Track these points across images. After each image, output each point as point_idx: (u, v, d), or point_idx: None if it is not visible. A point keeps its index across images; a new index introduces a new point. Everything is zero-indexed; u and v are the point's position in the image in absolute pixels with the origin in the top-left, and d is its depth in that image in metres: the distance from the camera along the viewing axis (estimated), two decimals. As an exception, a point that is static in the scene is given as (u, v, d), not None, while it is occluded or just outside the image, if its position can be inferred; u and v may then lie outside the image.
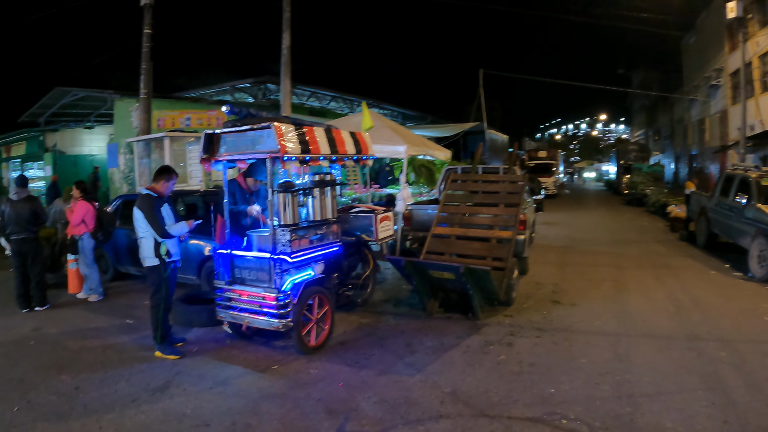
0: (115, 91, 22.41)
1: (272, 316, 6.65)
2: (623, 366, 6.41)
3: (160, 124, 19.75)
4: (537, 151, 43.12)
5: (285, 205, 6.78)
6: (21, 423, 5.53)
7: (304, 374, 6.41)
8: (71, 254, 10.55)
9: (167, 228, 6.91)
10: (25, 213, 9.41)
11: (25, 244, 9.50)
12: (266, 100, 24.83)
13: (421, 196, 14.92)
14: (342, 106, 30.68)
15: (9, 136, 30.66)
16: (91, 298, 10.26)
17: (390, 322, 8.35)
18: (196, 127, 19.16)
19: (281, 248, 6.65)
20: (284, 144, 6.37)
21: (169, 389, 6.16)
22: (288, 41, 16.70)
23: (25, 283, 9.66)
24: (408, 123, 33.51)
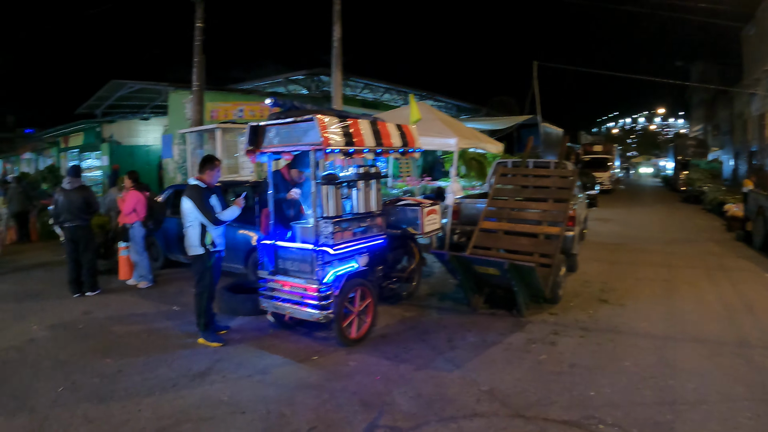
0: (170, 84, 22.72)
1: (313, 308, 6.69)
2: (668, 371, 6.21)
3: (213, 115, 19.97)
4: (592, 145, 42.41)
5: (328, 197, 6.81)
6: (64, 403, 5.72)
7: (343, 366, 6.44)
8: (123, 242, 10.80)
9: (218, 215, 7.01)
10: (77, 202, 9.72)
11: (77, 231, 9.79)
12: (319, 92, 24.91)
13: (473, 190, 14.78)
14: (395, 98, 30.54)
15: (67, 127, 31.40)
16: (141, 284, 10.52)
17: (433, 317, 8.31)
18: (248, 118, 19.33)
19: (324, 240, 6.69)
20: (327, 136, 6.38)
21: (209, 375, 6.27)
22: (339, 33, 16.71)
23: (77, 269, 9.97)
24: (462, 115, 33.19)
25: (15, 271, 12.38)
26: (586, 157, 36.73)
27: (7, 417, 5.48)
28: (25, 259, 13.78)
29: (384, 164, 15.80)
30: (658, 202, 29.90)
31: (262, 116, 20.19)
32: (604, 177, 33.67)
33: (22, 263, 13.30)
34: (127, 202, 10.22)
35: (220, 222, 7.05)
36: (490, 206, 9.47)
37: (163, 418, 5.33)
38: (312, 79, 25.09)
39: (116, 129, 27.11)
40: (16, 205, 16.88)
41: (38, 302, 9.70)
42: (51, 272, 12.13)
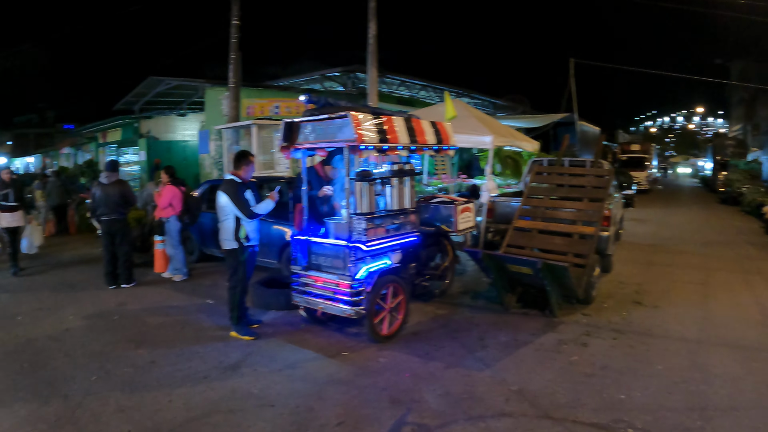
0: (206, 80, 22.95)
1: (346, 303, 6.71)
2: (700, 376, 6.10)
3: (249, 111, 20.12)
4: (630, 144, 41.85)
5: (362, 193, 6.82)
6: (97, 391, 5.85)
7: (373, 362, 6.46)
8: (158, 235, 10.97)
9: (252, 208, 7.07)
10: (114, 196, 9.89)
11: (113, 224, 9.97)
12: (355, 89, 24.92)
13: (508, 188, 14.71)
14: (431, 96, 30.42)
15: (106, 123, 31.88)
16: (176, 277, 10.66)
17: (465, 315, 8.28)
18: (284, 115, 19.41)
19: (357, 236, 6.70)
20: (361, 133, 6.38)
21: (240, 369, 6.34)
22: (374, 30, 16.71)
23: (113, 262, 10.15)
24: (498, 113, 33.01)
25: (53, 262, 12.61)
26: (623, 156, 36.29)
27: (41, 403, 5.62)
28: (63, 251, 14.02)
29: (419, 162, 15.75)
30: (696, 203, 29.44)
31: (298, 113, 20.12)
32: (641, 177, 33.22)
33: (60, 255, 13.54)
34: (164, 197, 10.37)
35: (255, 215, 7.10)
36: (524, 205, 9.41)
37: (194, 408, 5.42)
38: (348, 75, 25.07)
39: (153, 125, 27.43)
40: (55, 199, 17.23)
41: (75, 293, 9.92)
42: (88, 264, 12.35)
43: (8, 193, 11.38)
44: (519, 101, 34.54)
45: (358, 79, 24.51)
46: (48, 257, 13.07)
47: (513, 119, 26.29)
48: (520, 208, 9.36)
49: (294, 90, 23.20)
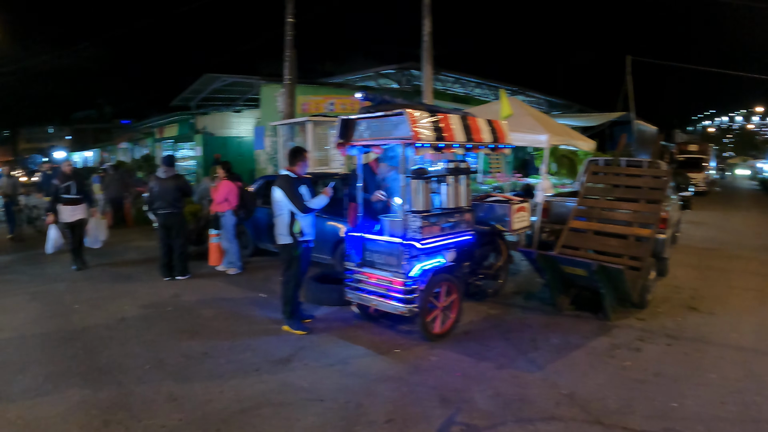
0: (261, 77, 23.19)
1: (399, 301, 6.70)
2: (755, 386, 5.89)
3: (304, 108, 20.28)
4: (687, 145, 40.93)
5: (417, 191, 6.80)
6: (150, 380, 5.99)
7: (424, 360, 6.44)
8: (214, 229, 11.12)
9: (306, 203, 7.11)
10: (171, 189, 10.09)
11: (170, 218, 10.16)
12: (410, 86, 24.91)
13: (563, 188, 14.52)
14: (486, 93, 30.25)
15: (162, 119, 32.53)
16: (230, 271, 10.82)
17: (517, 316, 8.20)
18: (339, 111, 19.52)
19: (412, 234, 6.68)
20: (417, 131, 6.36)
21: (292, 362, 6.40)
22: (429, 27, 16.64)
23: (169, 254, 10.36)
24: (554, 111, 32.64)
25: (110, 254, 12.86)
26: (680, 156, 35.46)
27: (95, 390, 5.78)
28: (120, 243, 14.32)
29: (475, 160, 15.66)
30: (755, 207, 28.62)
31: (352, 110, 20.30)
32: (698, 178, 32.40)
33: (117, 247, 13.82)
34: (220, 192, 10.52)
35: (309, 210, 7.14)
36: (580, 205, 9.25)
37: (244, 400, 5.49)
38: (402, 73, 25.10)
39: (210, 121, 27.86)
40: (112, 192, 17.64)
41: (130, 284, 10.16)
42: (144, 256, 12.63)
43: (70, 186, 11.17)
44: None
45: (413, 76, 24.50)
46: (105, 249, 13.33)
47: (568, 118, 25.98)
48: (576, 209, 9.21)
49: (349, 87, 23.30)
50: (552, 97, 34.60)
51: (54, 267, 11.56)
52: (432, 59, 17.02)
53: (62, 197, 11.17)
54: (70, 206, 11.26)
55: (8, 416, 5.28)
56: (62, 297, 9.42)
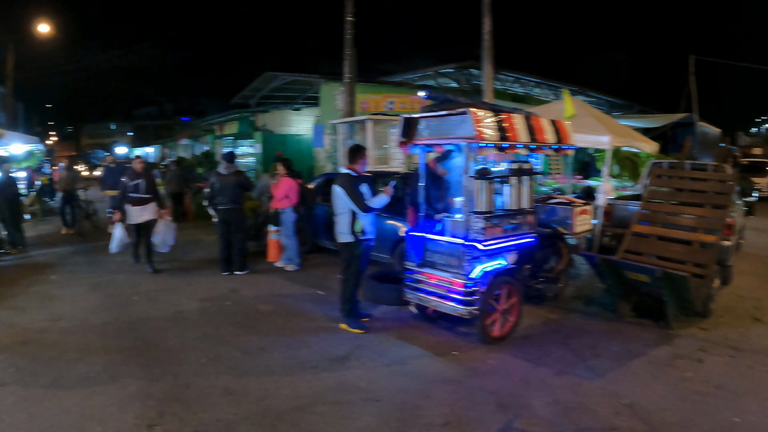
0: (321, 76, 23.35)
1: (458, 303, 6.63)
2: None
3: (364, 107, 20.31)
4: (751, 148, 39.72)
5: (480, 192, 6.70)
6: (206, 373, 6.04)
7: (482, 364, 6.34)
8: (273, 225, 11.18)
9: (367, 202, 7.07)
10: (231, 185, 10.19)
11: (230, 213, 10.27)
12: (469, 85, 24.79)
13: (624, 191, 14.20)
14: (546, 93, 29.95)
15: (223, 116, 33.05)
16: (288, 267, 10.88)
17: (577, 321, 8.01)
18: (399, 110, 19.50)
19: (474, 235, 6.59)
20: (481, 130, 6.27)
21: (348, 361, 6.38)
22: (489, 26, 16.50)
23: (228, 249, 10.47)
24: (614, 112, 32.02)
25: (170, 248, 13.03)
26: (744, 160, 34.40)
27: (152, 381, 5.86)
28: (179, 238, 14.46)
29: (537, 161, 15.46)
30: (825, 214, 27.66)
31: (412, 108, 20.30)
32: (762, 183, 31.30)
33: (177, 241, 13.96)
34: (280, 188, 10.59)
35: (370, 209, 7.10)
36: (643, 209, 9.03)
37: (300, 397, 5.48)
38: (461, 72, 24.99)
39: (269, 118, 28.15)
40: (173, 187, 17.94)
41: (189, 277, 10.33)
42: (203, 251, 12.82)
43: (139, 184, 10.61)
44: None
45: (472, 75, 24.39)
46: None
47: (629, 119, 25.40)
48: (639, 212, 8.97)
49: (408, 86, 23.27)
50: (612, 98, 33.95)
51: (114, 259, 11.77)
52: (492, 58, 16.88)
53: (130, 196, 10.66)
54: (138, 206, 10.74)
55: (65, 404, 5.38)
56: (121, 289, 9.61)
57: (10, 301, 9.00)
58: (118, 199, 11.03)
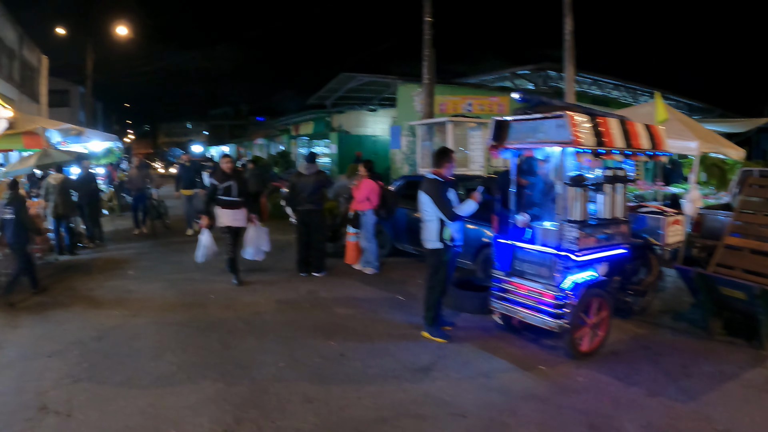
0: (398, 77, 23.25)
1: (548, 315, 6.35)
2: None
3: (442, 108, 20.12)
4: None
5: (574, 199, 6.40)
6: (284, 378, 5.91)
7: (571, 380, 6.03)
8: (352, 227, 11.04)
9: (454, 209, 6.83)
10: (312, 186, 10.13)
11: (310, 214, 10.21)
12: (547, 87, 24.32)
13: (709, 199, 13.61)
14: (624, 95, 29.14)
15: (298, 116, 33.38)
16: (367, 270, 10.74)
17: (666, 337, 7.59)
18: (477, 112, 19.25)
19: (567, 245, 6.31)
20: (578, 134, 5.98)
21: (432, 372, 6.15)
22: (570, 26, 16.04)
23: (306, 250, 10.39)
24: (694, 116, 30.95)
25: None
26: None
27: (229, 383, 5.76)
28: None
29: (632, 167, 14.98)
30: None
31: (491, 111, 20.06)
32: None
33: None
34: (361, 190, 10.47)
35: (457, 217, 6.86)
36: (736, 220, 8.54)
37: (383, 409, 5.30)
38: (538, 74, 24.56)
39: (345, 119, 28.30)
40: (251, 186, 17.94)
41: (266, 277, 10.30)
42: (280, 251, 12.66)
43: (230, 186, 9.79)
44: None
45: (549, 77, 23.92)
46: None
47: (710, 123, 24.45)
48: (731, 224, 8.50)
49: (486, 88, 22.96)
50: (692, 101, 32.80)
51: (190, 257, 11.84)
52: (574, 59, 16.40)
53: (220, 199, 9.86)
54: (228, 210, 9.88)
55: (139, 404, 5.33)
56: (197, 287, 9.66)
57: (87, 295, 9.19)
58: (206, 202, 10.31)
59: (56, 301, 8.87)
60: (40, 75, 30.55)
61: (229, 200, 9.82)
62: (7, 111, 11.50)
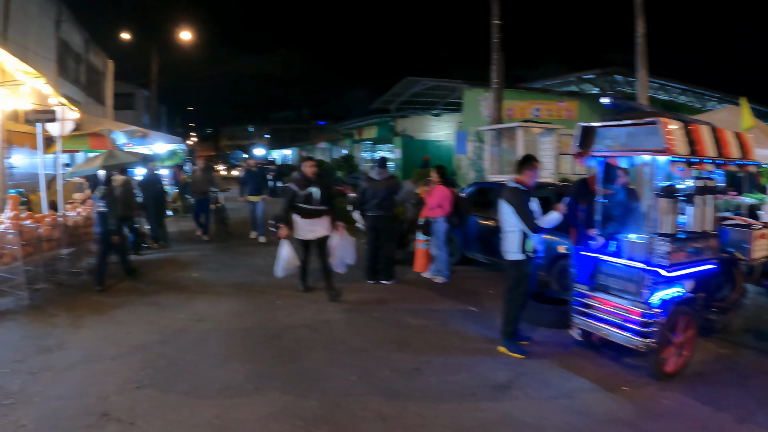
0: (464, 81, 23.01)
1: (634, 333, 6.00)
2: None
3: (509, 113, 19.82)
4: None
5: (665, 211, 6.04)
6: (357, 393, 5.66)
7: (656, 403, 5.66)
8: (423, 235, 10.75)
9: (537, 221, 6.52)
10: (384, 192, 9.93)
11: (380, 220, 10.00)
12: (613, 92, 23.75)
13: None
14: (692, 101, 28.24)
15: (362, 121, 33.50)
16: (437, 279, 10.44)
17: (752, 358, 7.13)
18: (545, 118, 18.87)
19: (656, 259, 5.95)
20: (672, 142, 5.65)
21: (511, 390, 5.85)
22: (642, 28, 15.42)
23: (375, 257, 10.15)
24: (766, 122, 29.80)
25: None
26: None
27: (299, 397, 5.55)
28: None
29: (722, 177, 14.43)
30: None
31: (558, 116, 19.66)
32: None
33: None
34: (434, 197, 10.21)
35: (541, 230, 6.56)
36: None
37: (461, 430, 5.02)
38: (604, 78, 24.01)
39: (409, 124, 28.26)
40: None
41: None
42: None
43: (311, 193, 9.00)
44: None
45: (616, 81, 23.36)
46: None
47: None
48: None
49: (553, 93, 22.51)
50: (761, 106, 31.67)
51: (256, 260, 11.76)
52: (647, 63, 15.81)
53: (300, 207, 9.08)
54: (309, 219, 9.12)
55: (205, 414, 5.18)
56: (264, 292, 9.52)
57: (151, 297, 9.15)
58: (284, 209, 9.26)
59: (119, 301, 8.87)
60: (106, 78, 31.29)
61: (310, 208, 9.06)
62: (74, 112, 11.63)
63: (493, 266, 10.84)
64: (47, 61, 20.29)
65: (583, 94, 23.15)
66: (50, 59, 20.91)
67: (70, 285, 9.65)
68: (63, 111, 10.94)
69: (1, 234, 8.42)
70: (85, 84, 26.91)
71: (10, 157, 13.00)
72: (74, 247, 9.88)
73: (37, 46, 19.33)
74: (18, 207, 9.28)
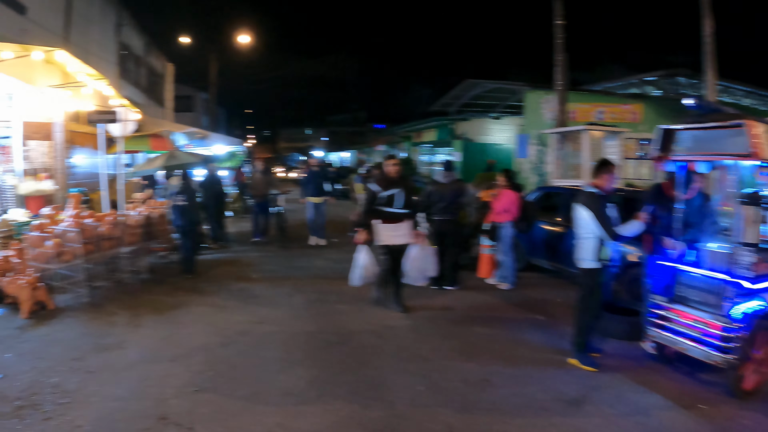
0: (525, 83, 22.69)
1: (714, 348, 5.70)
2: None
3: (571, 116, 19.40)
4: None
5: (750, 220, 5.72)
6: (423, 404, 5.49)
7: (736, 423, 5.34)
8: (489, 240, 10.57)
9: (617, 229, 6.24)
10: (450, 195, 9.73)
11: (446, 225, 9.77)
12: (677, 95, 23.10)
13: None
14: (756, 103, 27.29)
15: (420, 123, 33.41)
16: (502, 285, 10.19)
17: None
18: (609, 120, 18.34)
19: (740, 270, 5.65)
20: (759, 146, 5.35)
21: (584, 405, 5.59)
22: (710, 27, 14.74)
23: (440, 262, 9.77)
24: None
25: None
26: None
27: (364, 405, 5.41)
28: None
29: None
30: None
31: (623, 119, 19.16)
32: None
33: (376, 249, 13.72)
34: (501, 201, 10.02)
35: (620, 238, 6.25)
36: None
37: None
38: (667, 80, 23.36)
39: (468, 127, 28.03)
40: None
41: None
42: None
43: (394, 196, 8.30)
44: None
45: (679, 84, 22.71)
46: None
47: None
48: None
49: (616, 95, 21.99)
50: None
51: (316, 263, 11.67)
52: (715, 64, 15.21)
53: (382, 210, 8.38)
54: (391, 224, 8.39)
55: (267, 421, 5.07)
56: (325, 296, 9.39)
57: (211, 298, 9.13)
58: (364, 212, 8.60)
59: (179, 301, 8.89)
60: (166, 81, 31.86)
61: (393, 212, 8.35)
62: (135, 114, 11.79)
63: (559, 274, 10.57)
64: (108, 63, 20.78)
65: (649, 97, 22.58)
66: (111, 62, 21.41)
67: (130, 283, 9.75)
68: (124, 112, 11.12)
69: (63, 232, 8.55)
70: (146, 86, 27.45)
71: (72, 156, 13.23)
72: (134, 246, 9.96)
73: (99, 49, 19.81)
74: (79, 206, 9.46)
